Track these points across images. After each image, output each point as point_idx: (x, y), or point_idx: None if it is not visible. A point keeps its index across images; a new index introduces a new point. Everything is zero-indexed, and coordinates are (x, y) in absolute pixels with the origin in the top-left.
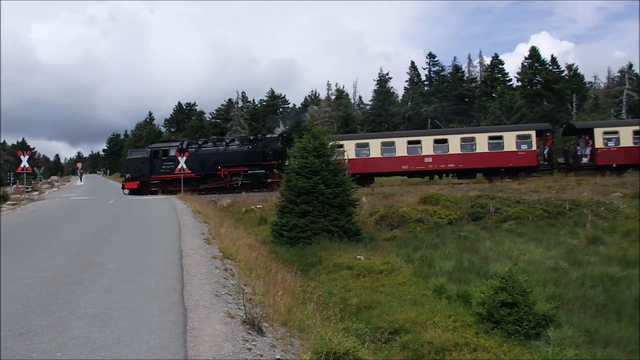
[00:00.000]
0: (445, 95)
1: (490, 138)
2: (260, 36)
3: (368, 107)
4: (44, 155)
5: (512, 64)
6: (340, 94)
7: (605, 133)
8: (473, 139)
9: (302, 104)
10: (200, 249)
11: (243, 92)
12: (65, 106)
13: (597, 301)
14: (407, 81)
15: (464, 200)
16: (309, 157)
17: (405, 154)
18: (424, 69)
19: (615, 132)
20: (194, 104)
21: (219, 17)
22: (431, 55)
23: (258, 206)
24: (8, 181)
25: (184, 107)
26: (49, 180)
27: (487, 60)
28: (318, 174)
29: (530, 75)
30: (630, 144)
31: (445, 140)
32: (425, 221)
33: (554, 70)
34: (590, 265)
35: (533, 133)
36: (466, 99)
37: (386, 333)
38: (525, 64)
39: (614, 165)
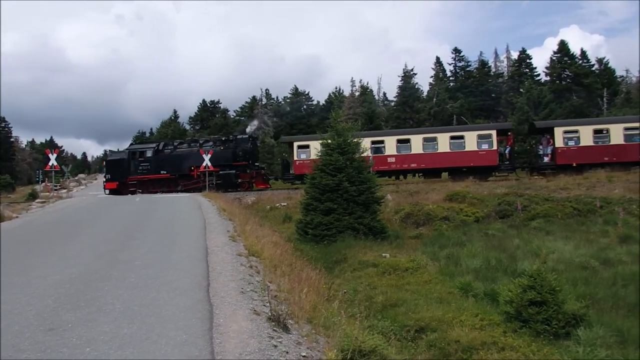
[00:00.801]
0: (472, 91)
1: (452, 138)
2: (285, 34)
3: (392, 104)
4: (71, 154)
5: (541, 59)
6: (365, 90)
7: (566, 132)
8: (435, 138)
9: (326, 101)
10: (225, 246)
11: (267, 89)
12: (93, 105)
13: (629, 301)
14: (432, 77)
15: (491, 198)
16: (333, 154)
17: (369, 154)
18: (450, 64)
19: (576, 131)
20: (218, 102)
21: (244, 15)
22: (456, 51)
23: (282, 204)
24: (37, 179)
25: (208, 104)
26: (76, 178)
27: (515, 55)
28: (342, 172)
29: (559, 69)
30: (591, 143)
31: (408, 140)
32: (451, 219)
33: (583, 64)
34: (622, 264)
35: (494, 133)
36: (493, 95)
37: (412, 331)
38: (554, 58)
39: (574, 164)
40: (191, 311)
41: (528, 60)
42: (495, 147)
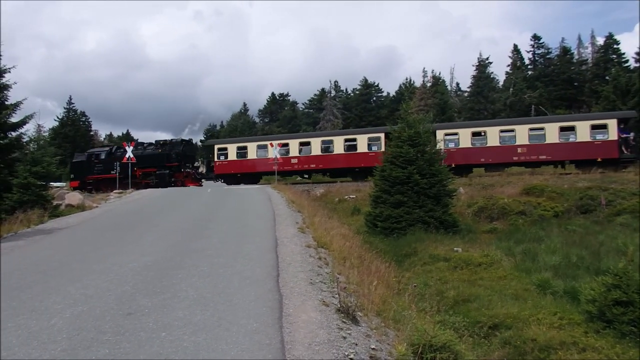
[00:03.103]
0: (552, 80)
1: (346, 140)
2: (360, 25)
3: (466, 94)
4: None
5: (631, 44)
6: (437, 80)
7: (446, 134)
8: (331, 141)
9: (396, 92)
10: (294, 238)
11: (336, 81)
12: (169, 98)
13: None
14: (508, 65)
15: (571, 192)
16: (404, 146)
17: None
18: (528, 52)
19: (455, 134)
20: (287, 94)
21: (318, 8)
22: (536, 37)
23: (351, 196)
24: (114, 171)
25: (277, 97)
26: None
27: (600, 41)
28: (413, 164)
29: None
30: (469, 145)
31: (308, 143)
32: (528, 213)
33: None
34: None
35: (382, 135)
36: (575, 83)
37: (485, 328)
38: None
39: (453, 165)
40: (261, 300)
41: (615, 46)
42: (383, 149)
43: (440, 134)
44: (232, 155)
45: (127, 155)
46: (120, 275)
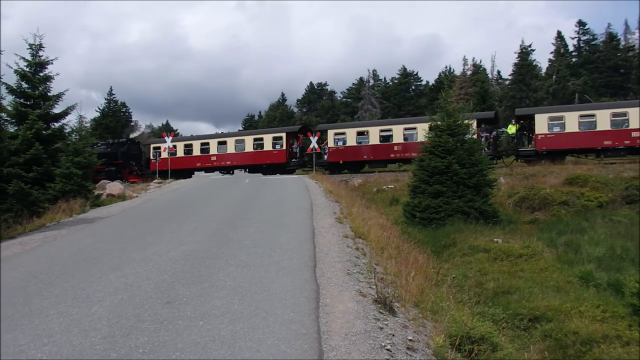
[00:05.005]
0: (597, 67)
1: (255, 140)
2: (403, 14)
3: (507, 82)
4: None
5: None
6: (477, 69)
7: (336, 134)
8: (243, 140)
9: (435, 81)
10: (331, 228)
11: (374, 70)
12: (211, 89)
13: None
14: (552, 52)
15: (617, 182)
16: (443, 136)
17: (199, 154)
18: (573, 38)
19: (343, 133)
20: (325, 84)
21: None
22: (581, 23)
23: (390, 186)
24: (154, 160)
25: (315, 87)
26: None
27: None
28: (452, 153)
29: None
30: (355, 144)
31: (225, 142)
32: (571, 204)
33: None
34: None
35: (284, 135)
36: (622, 70)
37: (525, 320)
38: None
39: (341, 162)
40: (298, 290)
41: None
42: (284, 147)
43: (330, 133)
44: (165, 153)
45: (166, 146)
46: (160, 264)
